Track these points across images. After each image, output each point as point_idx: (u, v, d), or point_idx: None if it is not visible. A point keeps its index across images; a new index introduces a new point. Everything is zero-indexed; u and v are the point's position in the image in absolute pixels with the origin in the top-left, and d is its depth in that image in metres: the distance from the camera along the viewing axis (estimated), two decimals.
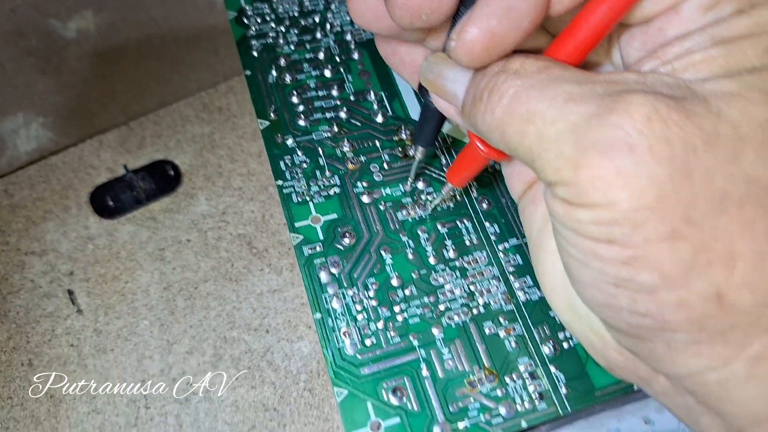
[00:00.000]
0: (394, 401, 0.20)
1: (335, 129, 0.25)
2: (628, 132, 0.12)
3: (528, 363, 0.21)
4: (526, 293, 0.22)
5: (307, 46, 0.27)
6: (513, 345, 0.21)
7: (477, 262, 0.23)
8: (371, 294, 0.22)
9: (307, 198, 0.23)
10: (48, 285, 0.30)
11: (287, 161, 0.24)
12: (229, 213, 0.32)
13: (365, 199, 0.24)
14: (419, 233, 0.23)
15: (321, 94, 0.26)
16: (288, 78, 0.26)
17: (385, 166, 0.24)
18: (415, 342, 0.21)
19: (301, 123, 0.25)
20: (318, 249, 0.22)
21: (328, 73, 0.27)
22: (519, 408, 0.20)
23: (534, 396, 0.21)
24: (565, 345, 0.22)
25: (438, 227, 0.23)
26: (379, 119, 0.26)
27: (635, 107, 0.12)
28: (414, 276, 0.22)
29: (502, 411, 0.20)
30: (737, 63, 0.12)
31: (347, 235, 0.23)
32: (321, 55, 0.27)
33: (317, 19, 0.28)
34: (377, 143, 0.25)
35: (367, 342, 0.21)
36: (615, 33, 0.16)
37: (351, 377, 0.20)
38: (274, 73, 0.26)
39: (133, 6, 0.38)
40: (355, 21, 0.17)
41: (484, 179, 0.25)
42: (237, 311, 0.30)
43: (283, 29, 0.28)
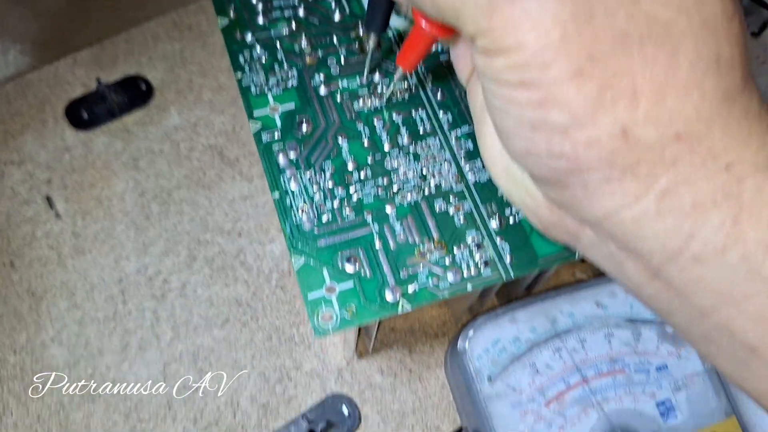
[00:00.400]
0: (348, 269, 0.21)
1: (293, 26, 0.26)
2: None
3: (475, 235, 0.22)
4: (475, 175, 0.24)
5: None
6: (461, 220, 0.23)
7: (430, 147, 0.24)
8: (328, 176, 0.23)
9: (266, 90, 0.24)
10: (27, 192, 0.31)
11: (245, 56, 0.25)
12: (201, 125, 0.33)
13: (322, 91, 0.25)
14: (375, 122, 0.24)
15: None
16: None
17: (342, 60, 0.25)
18: (369, 218, 0.22)
19: (260, 21, 0.26)
20: (276, 136, 0.23)
21: None
22: (465, 274, 0.22)
23: (480, 264, 0.22)
24: (511, 220, 0.23)
25: (393, 116, 0.24)
26: (337, 17, 0.26)
27: None
28: (369, 160, 0.23)
29: (449, 276, 0.22)
30: None
31: (304, 123, 0.24)
32: None
33: None
34: (335, 39, 0.26)
35: (324, 218, 0.22)
36: None
37: (308, 248, 0.22)
38: None
39: None
40: None
41: (438, 73, 0.26)
42: (210, 216, 0.31)
43: None
